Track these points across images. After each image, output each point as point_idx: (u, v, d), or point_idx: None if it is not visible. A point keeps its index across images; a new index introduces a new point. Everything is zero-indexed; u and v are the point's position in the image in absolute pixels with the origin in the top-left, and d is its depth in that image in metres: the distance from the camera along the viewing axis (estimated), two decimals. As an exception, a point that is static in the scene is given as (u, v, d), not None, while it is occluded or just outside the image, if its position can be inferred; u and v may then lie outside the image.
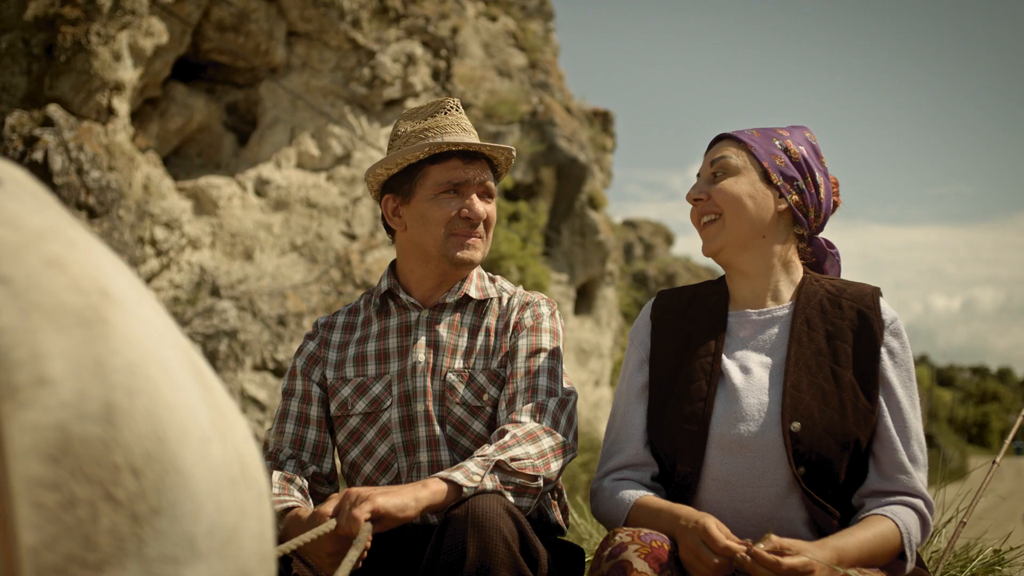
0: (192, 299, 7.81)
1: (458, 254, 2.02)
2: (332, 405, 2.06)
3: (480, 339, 2.04)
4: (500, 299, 2.10)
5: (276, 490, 1.89)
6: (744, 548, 1.55)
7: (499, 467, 1.76)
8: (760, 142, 1.89)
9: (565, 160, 14.93)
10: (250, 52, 8.50)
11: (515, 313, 2.06)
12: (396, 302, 2.10)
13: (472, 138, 2.06)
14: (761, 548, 1.54)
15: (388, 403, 2.01)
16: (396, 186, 2.07)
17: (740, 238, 1.87)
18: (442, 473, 1.74)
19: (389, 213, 2.09)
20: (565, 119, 15.17)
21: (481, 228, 2.05)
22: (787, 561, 1.52)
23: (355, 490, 1.66)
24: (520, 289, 2.14)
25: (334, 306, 8.51)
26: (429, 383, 1.99)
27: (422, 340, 2.03)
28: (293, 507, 1.83)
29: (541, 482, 1.80)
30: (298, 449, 2.02)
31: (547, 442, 1.86)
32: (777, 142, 1.90)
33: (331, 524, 1.62)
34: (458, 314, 2.07)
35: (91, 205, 6.67)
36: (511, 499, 1.74)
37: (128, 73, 7.15)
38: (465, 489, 1.70)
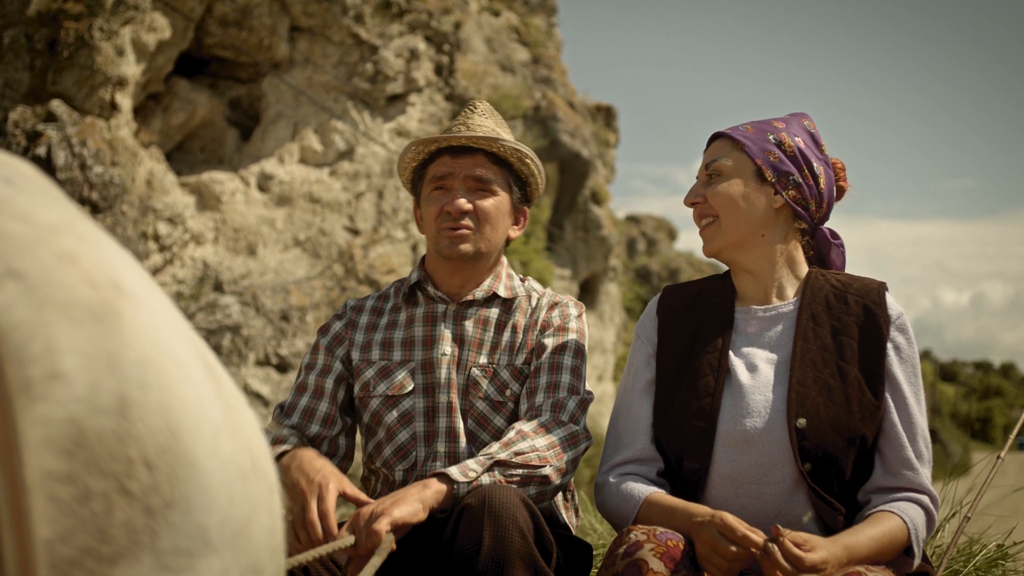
0: (195, 294, 7.81)
1: (444, 249, 2.06)
2: (356, 386, 2.09)
3: (506, 335, 2.07)
4: (529, 297, 2.14)
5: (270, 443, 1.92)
6: (766, 538, 1.52)
7: (499, 464, 1.78)
8: (753, 138, 1.87)
9: (568, 155, 14.89)
10: (253, 47, 8.48)
11: (543, 312, 2.10)
12: (424, 294, 2.14)
13: (471, 134, 2.07)
14: (786, 539, 1.51)
15: (410, 389, 2.03)
16: (414, 190, 2.19)
17: (738, 239, 1.87)
18: (442, 470, 1.77)
19: (417, 218, 2.19)
20: (568, 114, 15.13)
21: (469, 220, 2.05)
22: (809, 556, 1.50)
23: (367, 508, 1.69)
24: (549, 290, 2.18)
25: (337, 301, 8.50)
26: (455, 376, 2.02)
27: (448, 333, 2.06)
28: (285, 452, 1.88)
29: (549, 470, 1.81)
30: (307, 420, 2.05)
31: (558, 433, 1.88)
32: (771, 136, 1.87)
33: (349, 540, 1.64)
34: (485, 310, 2.10)
35: (94, 200, 6.67)
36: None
37: (131, 68, 7.15)
38: (457, 485, 1.73)
